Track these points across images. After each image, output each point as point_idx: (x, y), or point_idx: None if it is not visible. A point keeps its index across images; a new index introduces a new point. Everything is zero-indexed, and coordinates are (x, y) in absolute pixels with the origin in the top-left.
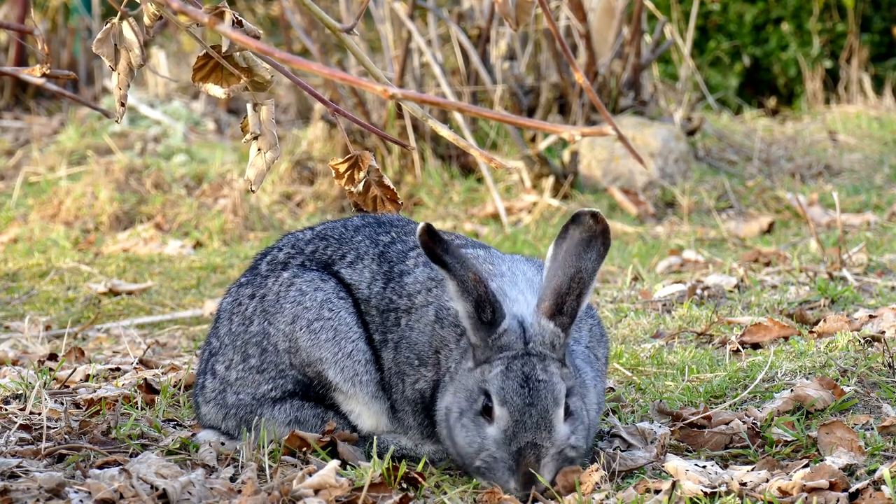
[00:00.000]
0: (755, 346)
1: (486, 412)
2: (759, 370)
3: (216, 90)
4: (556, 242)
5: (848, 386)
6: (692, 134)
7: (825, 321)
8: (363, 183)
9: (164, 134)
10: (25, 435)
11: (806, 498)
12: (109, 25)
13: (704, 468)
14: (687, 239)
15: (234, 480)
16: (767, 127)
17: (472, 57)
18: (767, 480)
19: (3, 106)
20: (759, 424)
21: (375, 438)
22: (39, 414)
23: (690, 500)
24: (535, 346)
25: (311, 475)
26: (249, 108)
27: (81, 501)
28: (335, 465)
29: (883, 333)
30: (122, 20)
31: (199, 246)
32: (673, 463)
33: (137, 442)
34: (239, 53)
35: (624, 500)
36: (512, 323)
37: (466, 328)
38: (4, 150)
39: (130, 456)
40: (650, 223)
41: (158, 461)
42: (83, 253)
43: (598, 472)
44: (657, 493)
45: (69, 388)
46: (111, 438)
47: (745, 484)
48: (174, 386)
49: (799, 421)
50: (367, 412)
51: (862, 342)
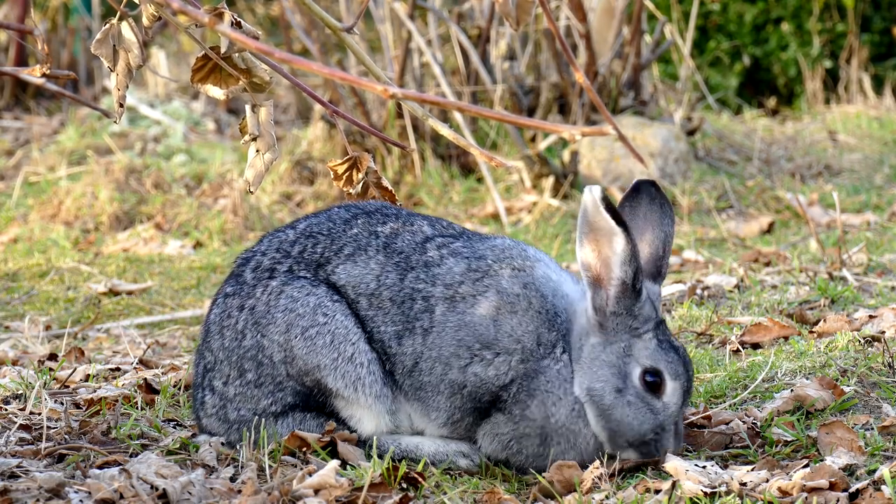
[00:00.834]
0: (755, 346)
1: (653, 388)
2: (759, 370)
3: (215, 91)
4: (624, 212)
5: (848, 386)
6: (692, 134)
7: (825, 321)
8: (361, 184)
9: (164, 134)
10: (25, 435)
11: (806, 498)
12: (108, 26)
13: (704, 468)
14: (687, 239)
15: (234, 480)
16: (767, 127)
17: (472, 57)
18: (767, 480)
19: (3, 106)
20: (759, 424)
21: (375, 439)
22: (39, 414)
23: (690, 500)
24: (661, 311)
25: (311, 475)
26: (248, 109)
27: (81, 501)
28: (335, 465)
29: (883, 333)
30: (120, 21)
31: (199, 246)
32: (673, 463)
33: (137, 442)
34: (238, 55)
35: (624, 499)
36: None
37: (608, 298)
38: (4, 150)
39: (130, 456)
40: None
41: (158, 461)
42: (83, 253)
43: (597, 470)
44: (657, 492)
45: (69, 388)
46: (111, 438)
47: (745, 484)
48: (174, 386)
49: (799, 421)
50: (368, 415)
51: (862, 342)
